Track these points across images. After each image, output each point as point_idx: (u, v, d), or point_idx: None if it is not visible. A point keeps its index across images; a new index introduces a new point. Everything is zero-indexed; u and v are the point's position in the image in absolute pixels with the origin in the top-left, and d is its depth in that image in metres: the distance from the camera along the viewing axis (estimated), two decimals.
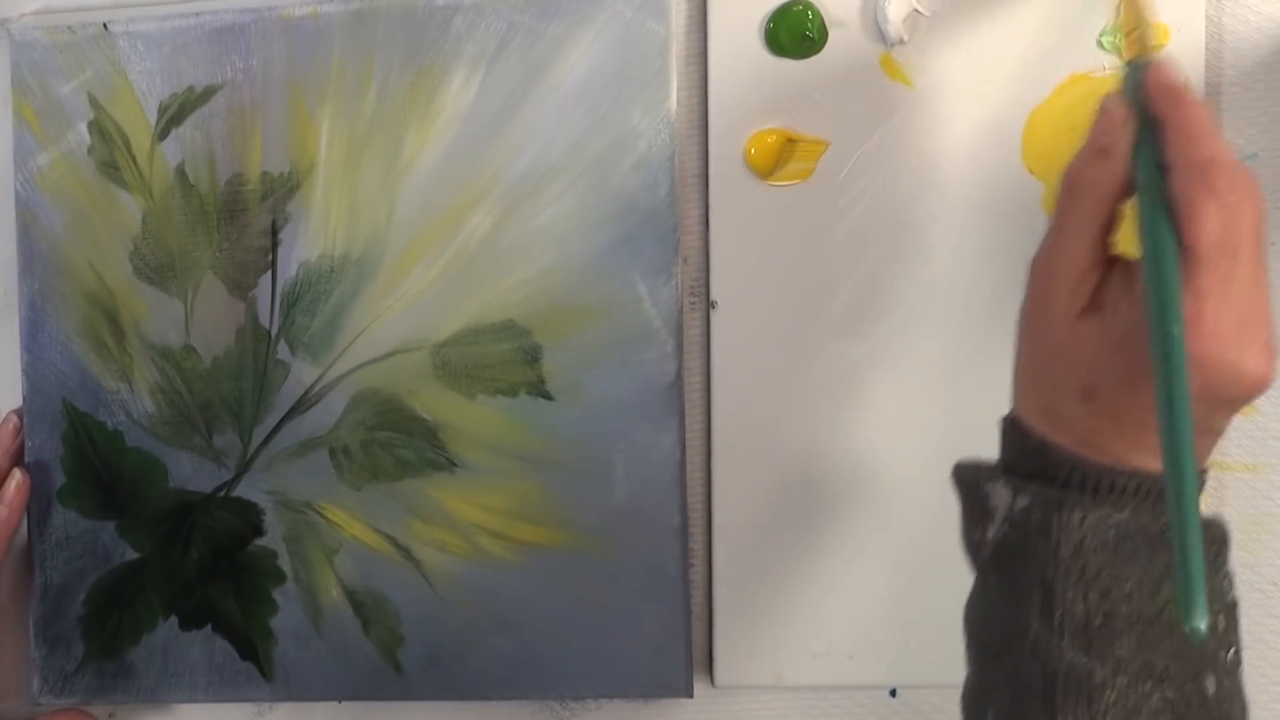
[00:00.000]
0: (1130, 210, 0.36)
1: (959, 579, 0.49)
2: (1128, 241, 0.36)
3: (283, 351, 0.53)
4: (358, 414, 0.52)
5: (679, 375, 0.50)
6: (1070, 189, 0.36)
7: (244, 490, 0.53)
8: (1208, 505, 0.49)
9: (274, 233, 0.53)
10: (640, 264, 0.50)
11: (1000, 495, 0.36)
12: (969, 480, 0.38)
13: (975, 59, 0.49)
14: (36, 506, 0.54)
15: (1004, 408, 0.49)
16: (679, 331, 0.50)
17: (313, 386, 0.53)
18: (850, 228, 0.50)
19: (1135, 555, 0.34)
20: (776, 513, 0.50)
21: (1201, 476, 0.34)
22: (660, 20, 0.50)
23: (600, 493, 0.51)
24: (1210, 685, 0.34)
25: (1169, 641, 0.34)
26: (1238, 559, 0.48)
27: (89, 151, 0.54)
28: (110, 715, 0.55)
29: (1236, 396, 0.34)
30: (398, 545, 0.52)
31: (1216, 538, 0.36)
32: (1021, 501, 0.35)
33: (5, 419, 0.54)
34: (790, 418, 0.50)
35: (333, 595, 0.53)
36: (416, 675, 0.52)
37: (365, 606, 0.52)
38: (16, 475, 0.53)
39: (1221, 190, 0.33)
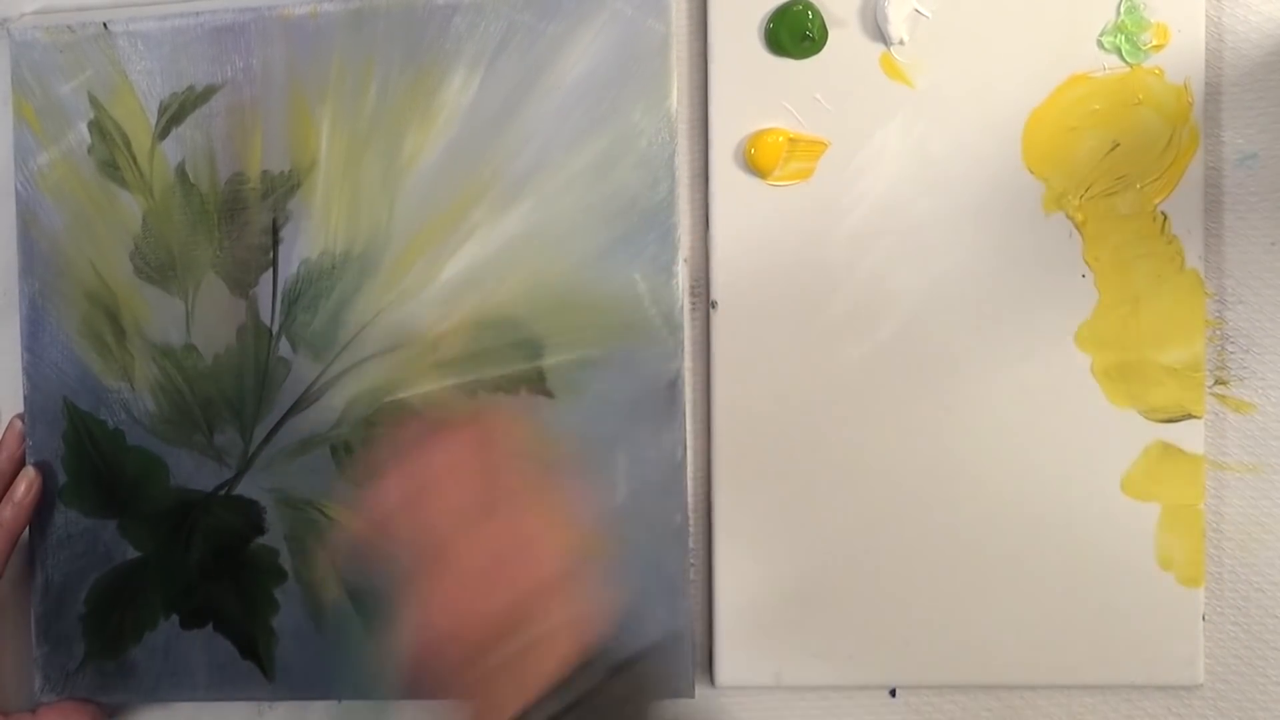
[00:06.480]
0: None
1: (959, 579, 0.50)
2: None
3: (284, 349, 0.53)
4: (359, 411, 0.52)
5: (679, 375, 0.50)
6: None
7: (245, 488, 0.53)
8: (1207, 504, 0.49)
9: (275, 231, 0.53)
10: (641, 263, 0.50)
11: None
12: None
13: (975, 59, 0.49)
14: (38, 505, 0.54)
15: (1003, 408, 0.49)
16: (679, 331, 0.50)
17: (314, 384, 0.53)
18: (850, 228, 0.50)
19: None
20: (776, 512, 0.50)
21: None
22: (661, 19, 0.50)
23: (600, 492, 0.51)
24: None
25: None
26: (1238, 559, 0.49)
27: (89, 151, 0.54)
28: (111, 714, 0.55)
29: None
30: None
31: None
32: None
33: (10, 424, 0.54)
34: (790, 417, 0.50)
35: (334, 594, 0.53)
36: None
37: (366, 605, 0.53)
38: (29, 474, 0.53)
39: None
